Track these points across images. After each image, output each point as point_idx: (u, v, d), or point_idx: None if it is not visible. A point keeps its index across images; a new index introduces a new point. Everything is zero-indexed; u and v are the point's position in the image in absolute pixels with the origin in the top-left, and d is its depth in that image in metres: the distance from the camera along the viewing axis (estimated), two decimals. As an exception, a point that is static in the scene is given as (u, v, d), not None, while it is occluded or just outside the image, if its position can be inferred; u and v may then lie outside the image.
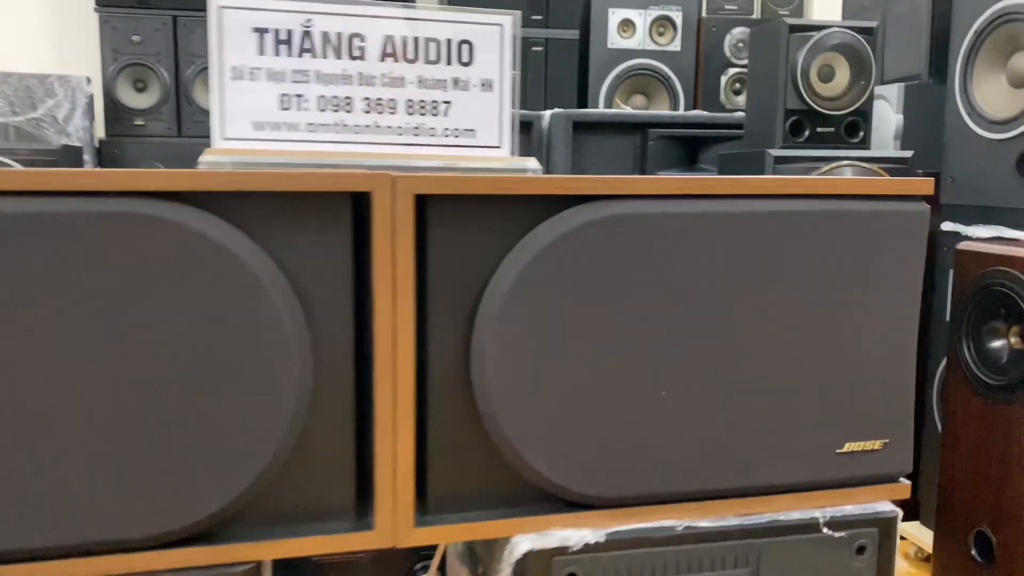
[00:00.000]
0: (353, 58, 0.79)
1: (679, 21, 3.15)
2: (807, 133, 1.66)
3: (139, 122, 2.90)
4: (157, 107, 2.90)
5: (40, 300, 0.61)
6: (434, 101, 0.81)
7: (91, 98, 2.72)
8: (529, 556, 0.72)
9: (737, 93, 3.17)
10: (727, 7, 3.25)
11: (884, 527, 0.79)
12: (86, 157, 2.58)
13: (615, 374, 0.72)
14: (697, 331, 0.74)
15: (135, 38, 2.89)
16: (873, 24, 1.67)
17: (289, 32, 0.77)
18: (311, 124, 0.79)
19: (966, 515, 1.40)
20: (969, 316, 1.46)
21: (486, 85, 0.82)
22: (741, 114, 2.41)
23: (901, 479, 0.82)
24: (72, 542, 0.64)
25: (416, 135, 0.81)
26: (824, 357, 0.78)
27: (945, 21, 2.33)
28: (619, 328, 0.72)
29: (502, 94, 0.83)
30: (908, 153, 1.67)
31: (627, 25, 3.14)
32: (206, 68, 2.91)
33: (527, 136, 2.17)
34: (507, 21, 0.81)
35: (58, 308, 0.61)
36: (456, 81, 0.82)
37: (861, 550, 0.78)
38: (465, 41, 0.81)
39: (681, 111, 3.01)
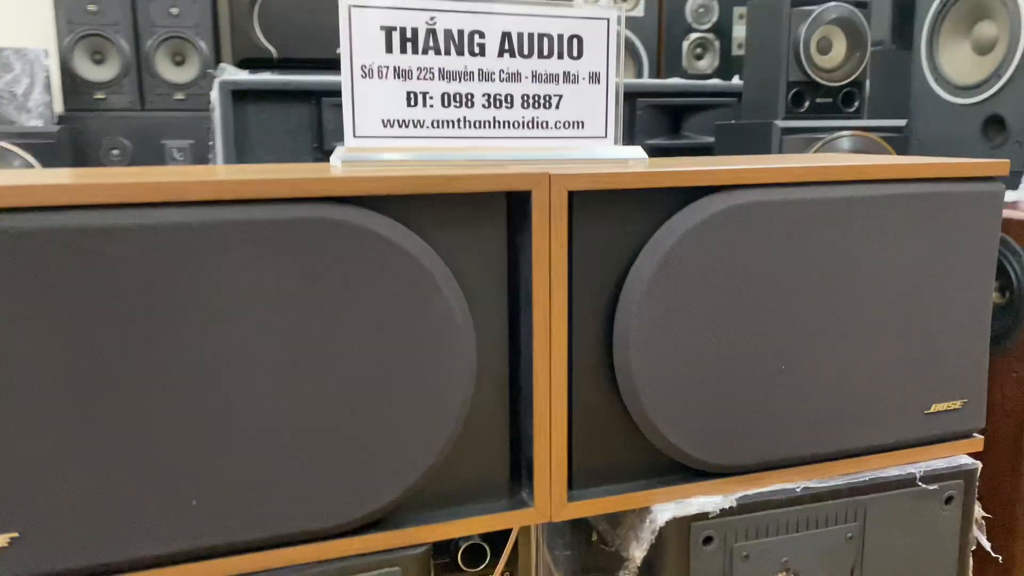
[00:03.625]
0: (474, 55, 0.81)
1: (645, -12, 3.19)
2: (807, 104, 1.73)
3: (99, 96, 2.80)
4: (117, 80, 2.80)
5: (237, 304, 0.63)
6: (547, 95, 0.84)
7: (49, 72, 2.61)
8: (671, 524, 0.78)
9: (698, 58, 3.23)
10: (689, -29, 3.29)
11: (967, 478, 0.88)
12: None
13: (743, 352, 0.78)
14: (810, 309, 0.80)
15: (91, 7, 2.78)
16: (867, -2, 1.74)
17: (414, 30, 0.79)
18: (436, 120, 0.81)
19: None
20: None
21: (594, 78, 0.86)
22: (717, 82, 2.48)
23: (975, 434, 0.91)
24: (267, 535, 0.67)
25: (530, 128, 0.84)
26: (914, 328, 0.85)
27: (908, -12, 2.43)
28: (746, 308, 0.77)
29: (608, 86, 0.86)
30: (902, 122, 1.76)
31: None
32: (169, 38, 2.84)
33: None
34: (613, 16, 0.85)
35: (254, 310, 0.63)
36: (567, 75, 0.85)
37: (949, 500, 0.87)
38: (575, 36, 0.84)
39: (648, 78, 3.06)
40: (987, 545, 0.90)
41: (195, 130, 2.85)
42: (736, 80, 2.56)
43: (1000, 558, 0.99)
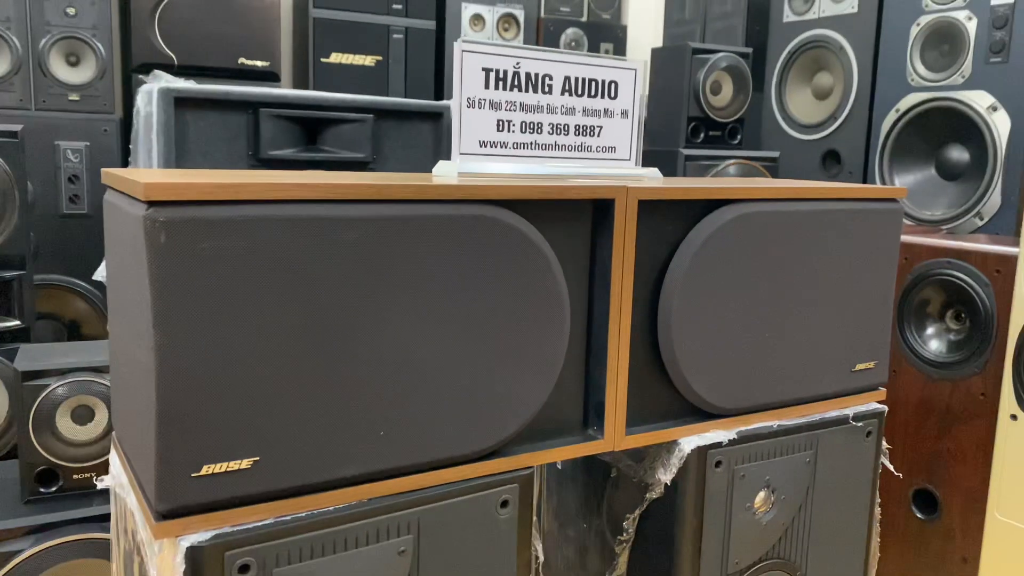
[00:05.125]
0: (544, 93, 1.04)
1: (522, 19, 3.48)
2: (702, 136, 2.07)
3: (-13, 93, 2.72)
4: (8, 77, 2.73)
5: (422, 277, 0.82)
6: (592, 126, 1.09)
7: (-63, 66, 2.53)
8: (694, 452, 1.04)
9: (570, 86, 3.57)
10: (561, 9, 3.63)
11: (879, 418, 1.20)
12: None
13: (745, 324, 1.06)
14: (785, 291, 1.09)
15: (-20, 2, 2.70)
16: (749, 51, 2.11)
17: (504, 71, 1.01)
18: (515, 143, 1.03)
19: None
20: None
21: (624, 114, 1.11)
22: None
23: (880, 387, 1.24)
24: (428, 459, 0.86)
25: (579, 151, 1.08)
26: (845, 307, 1.16)
27: (758, 37, 2.88)
28: (748, 291, 1.05)
29: (633, 120, 1.12)
30: (776, 153, 2.14)
31: (478, 20, 3.42)
32: (64, 38, 2.81)
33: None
34: (640, 66, 1.10)
35: (431, 282, 0.83)
36: (606, 111, 1.09)
37: (868, 434, 1.19)
38: (613, 81, 1.09)
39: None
40: (891, 467, 1.23)
41: (91, 132, 2.84)
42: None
43: (901, 475, 1.34)
